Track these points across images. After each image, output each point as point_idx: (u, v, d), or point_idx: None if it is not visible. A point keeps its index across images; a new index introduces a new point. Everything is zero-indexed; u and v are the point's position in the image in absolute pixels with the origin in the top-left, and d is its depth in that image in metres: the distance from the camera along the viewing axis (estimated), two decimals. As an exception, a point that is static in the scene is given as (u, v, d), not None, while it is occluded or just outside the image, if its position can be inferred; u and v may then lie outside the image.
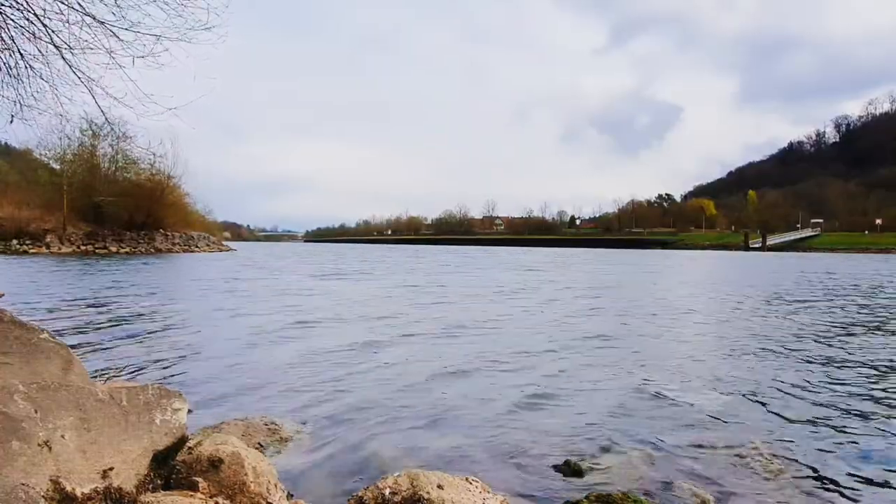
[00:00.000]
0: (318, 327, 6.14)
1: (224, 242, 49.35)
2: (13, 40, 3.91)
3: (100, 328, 5.78)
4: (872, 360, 4.60)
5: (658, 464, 2.44)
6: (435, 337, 5.62)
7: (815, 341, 5.51)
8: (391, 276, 15.40)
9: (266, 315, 7.05)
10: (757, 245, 68.43)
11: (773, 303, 9.26)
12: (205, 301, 8.60)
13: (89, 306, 7.50)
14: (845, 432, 2.86)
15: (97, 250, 29.52)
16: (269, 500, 1.75)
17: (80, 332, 5.48)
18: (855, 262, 31.44)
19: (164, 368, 4.09)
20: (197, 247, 37.03)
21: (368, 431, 2.81)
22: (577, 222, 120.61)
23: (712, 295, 10.84)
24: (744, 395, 3.55)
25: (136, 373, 3.94)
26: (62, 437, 1.56)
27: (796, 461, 2.48)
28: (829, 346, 5.28)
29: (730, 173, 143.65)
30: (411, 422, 2.98)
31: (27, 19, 3.82)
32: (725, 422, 3.02)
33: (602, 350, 5.05)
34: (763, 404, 3.35)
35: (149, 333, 5.53)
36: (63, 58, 3.99)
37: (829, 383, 3.85)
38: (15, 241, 27.28)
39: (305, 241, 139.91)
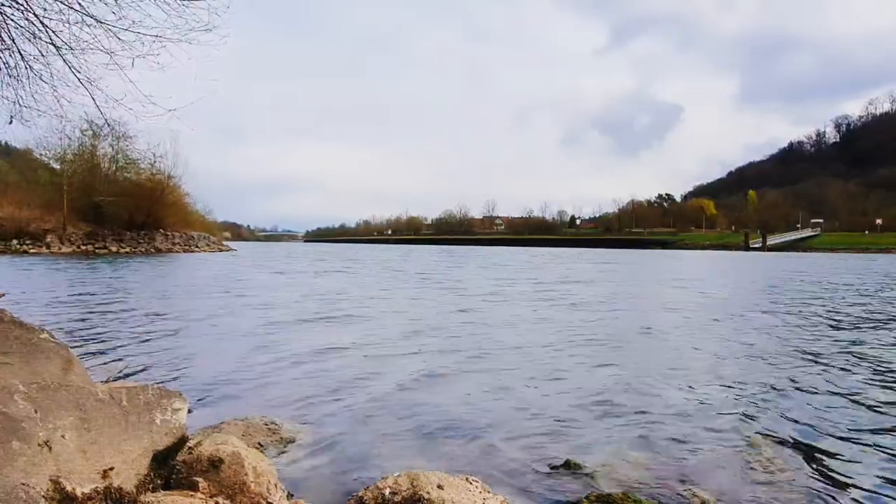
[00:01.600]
0: (318, 327, 6.14)
1: (224, 242, 49.33)
2: (13, 40, 3.92)
3: (100, 328, 5.78)
4: (873, 358, 4.60)
5: (658, 464, 2.44)
6: (433, 337, 5.62)
7: (814, 339, 5.51)
8: (389, 276, 15.42)
9: (266, 315, 7.06)
10: (757, 245, 68.42)
11: (772, 302, 9.26)
12: (204, 301, 8.60)
13: (89, 306, 7.51)
14: (846, 431, 2.86)
15: (97, 250, 29.51)
16: (270, 500, 1.75)
17: (80, 333, 5.48)
18: (853, 261, 31.47)
19: (164, 368, 4.09)
20: (197, 247, 37.02)
21: (368, 432, 2.82)
22: (578, 222, 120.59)
23: (709, 295, 10.84)
24: (744, 396, 3.54)
25: (136, 373, 3.94)
26: (62, 437, 1.56)
27: (797, 461, 2.49)
28: (828, 344, 5.28)
29: (730, 173, 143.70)
30: (411, 422, 2.98)
31: (27, 19, 3.83)
32: (726, 422, 3.02)
33: (600, 350, 5.05)
34: (764, 404, 3.35)
35: (149, 333, 5.53)
36: (63, 58, 4.00)
37: (830, 382, 3.85)
38: (15, 241, 27.28)
39: (305, 242, 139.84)
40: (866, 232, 72.56)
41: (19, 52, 4.00)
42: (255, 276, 14.99)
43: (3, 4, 3.75)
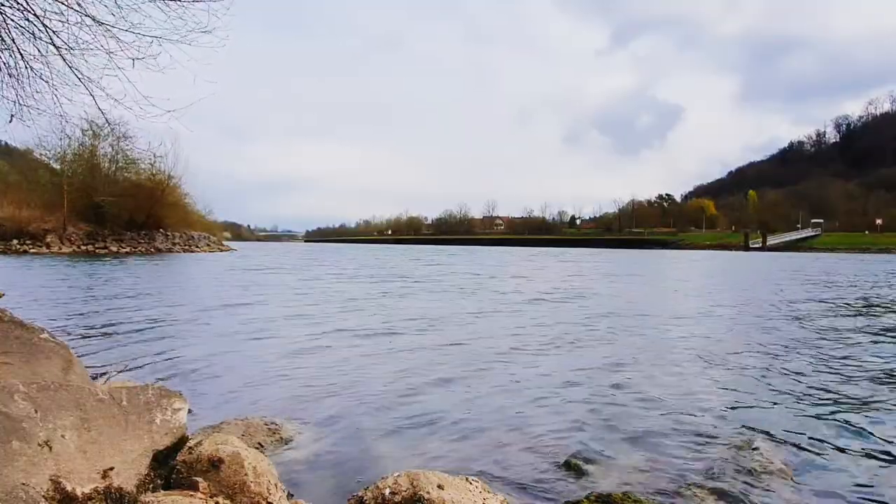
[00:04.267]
0: (317, 327, 6.14)
1: (224, 242, 49.25)
2: (13, 41, 3.92)
3: (99, 328, 5.78)
4: (872, 357, 4.59)
5: (658, 464, 2.44)
6: (433, 337, 5.62)
7: (813, 339, 5.51)
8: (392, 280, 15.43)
9: (265, 315, 7.05)
10: (757, 245, 68.38)
11: (770, 302, 9.25)
12: (204, 301, 8.59)
13: (89, 306, 7.51)
14: (847, 432, 2.86)
15: (97, 250, 29.50)
16: (270, 500, 1.75)
17: (81, 332, 5.48)
18: (852, 261, 31.47)
19: (164, 368, 4.09)
20: (197, 247, 37.00)
21: (368, 431, 2.82)
22: (578, 222, 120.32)
23: (705, 296, 10.83)
24: (743, 396, 3.55)
25: (136, 373, 3.94)
26: (62, 437, 1.56)
27: (796, 461, 2.49)
28: (828, 344, 5.28)
29: (730, 173, 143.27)
30: (411, 422, 2.98)
31: (27, 19, 3.83)
32: (725, 422, 3.02)
33: (598, 351, 5.05)
34: (763, 404, 3.35)
35: (149, 333, 5.53)
36: (63, 58, 3.99)
37: (829, 382, 3.85)
38: (15, 241, 27.29)
39: (306, 241, 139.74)
40: (866, 232, 72.43)
41: (19, 52, 3.99)
42: (255, 276, 14.99)
43: (3, 4, 3.75)
